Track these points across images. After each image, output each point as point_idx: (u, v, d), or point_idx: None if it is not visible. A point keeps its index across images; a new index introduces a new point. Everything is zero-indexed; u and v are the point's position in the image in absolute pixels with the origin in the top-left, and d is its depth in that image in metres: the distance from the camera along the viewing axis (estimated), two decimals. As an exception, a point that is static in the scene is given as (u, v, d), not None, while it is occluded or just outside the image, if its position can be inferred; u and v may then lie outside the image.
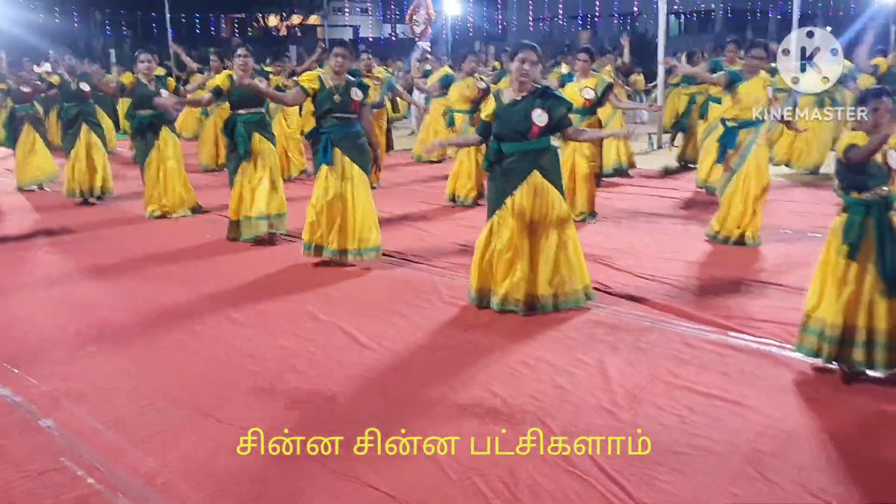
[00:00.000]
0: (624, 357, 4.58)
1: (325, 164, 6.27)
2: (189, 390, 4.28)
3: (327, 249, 6.44)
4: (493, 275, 5.31)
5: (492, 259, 5.30)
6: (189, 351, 4.87)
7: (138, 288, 6.24)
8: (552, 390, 4.18)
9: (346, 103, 6.24)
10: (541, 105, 5.13)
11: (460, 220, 8.41)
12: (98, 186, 9.68)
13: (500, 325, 5.16)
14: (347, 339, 4.98)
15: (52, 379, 4.46)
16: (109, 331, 5.25)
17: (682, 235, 7.52)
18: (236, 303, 5.73)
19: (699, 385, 4.17)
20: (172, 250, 7.35)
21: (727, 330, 4.94)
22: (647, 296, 5.63)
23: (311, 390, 4.25)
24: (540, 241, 5.23)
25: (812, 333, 4.23)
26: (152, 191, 8.71)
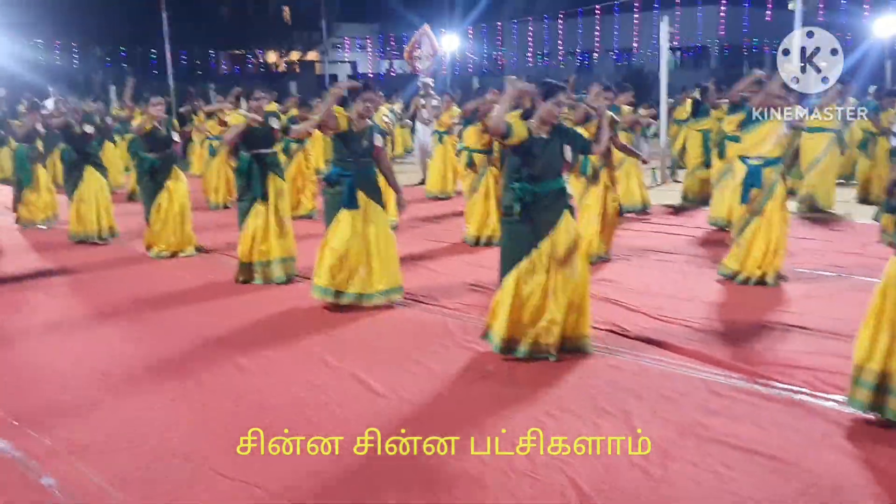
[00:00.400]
0: (649, 406, 4.39)
1: (350, 209, 6.13)
2: (197, 445, 4.08)
3: (347, 294, 6.29)
4: (522, 322, 5.13)
5: (521, 307, 5.11)
6: (197, 402, 4.67)
7: (143, 332, 6.06)
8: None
9: (369, 148, 6.15)
10: (566, 142, 5.04)
11: (468, 258, 8.25)
12: (106, 228, 9.54)
13: (520, 372, 4.98)
14: (361, 387, 4.79)
15: (53, 431, 4.26)
16: (114, 379, 5.05)
17: (696, 275, 7.36)
18: (244, 348, 5.54)
19: (732, 438, 3.99)
20: (176, 292, 7.18)
21: (754, 377, 4.76)
22: (667, 339, 5.45)
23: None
24: (568, 283, 5.08)
25: (866, 387, 4.03)
26: (159, 231, 8.55)
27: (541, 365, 5.03)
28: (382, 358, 5.29)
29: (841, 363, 4.89)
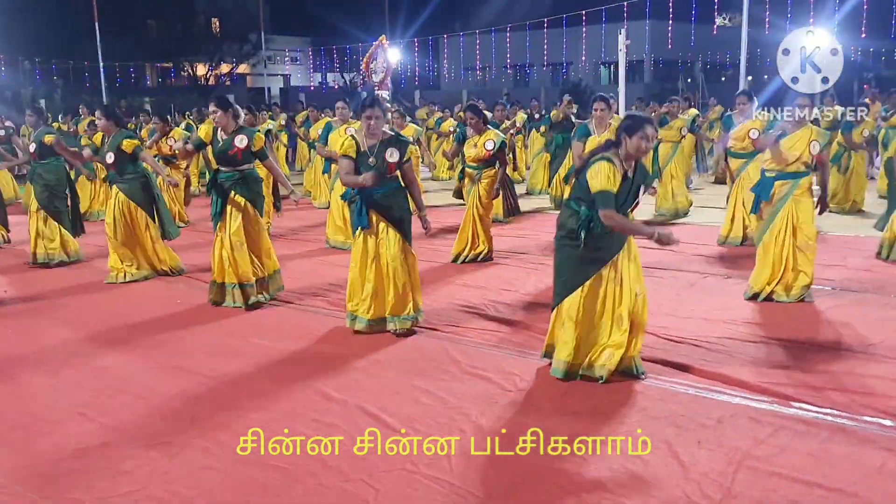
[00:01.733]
0: (691, 436, 4.13)
1: (362, 228, 5.84)
2: (209, 497, 3.64)
3: (360, 319, 5.97)
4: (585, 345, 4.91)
5: (585, 331, 4.88)
6: (193, 445, 4.20)
7: (124, 371, 5.49)
8: (629, 481, 3.70)
9: (381, 165, 5.74)
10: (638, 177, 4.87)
11: (456, 278, 7.89)
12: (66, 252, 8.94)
13: (539, 400, 4.68)
14: (374, 422, 4.40)
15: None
16: (114, 437, 4.54)
17: (712, 292, 7.11)
18: (236, 385, 5.08)
19: (787, 469, 3.75)
20: (147, 320, 6.66)
21: (788, 400, 4.55)
22: (692, 362, 5.19)
23: (352, 494, 3.66)
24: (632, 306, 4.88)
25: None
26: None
27: (560, 392, 4.76)
28: (388, 389, 4.91)
29: (871, 382, 4.76)
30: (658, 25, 34.75)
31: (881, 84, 22.42)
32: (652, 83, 37.62)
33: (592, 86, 36.55)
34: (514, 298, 6.98)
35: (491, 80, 43.80)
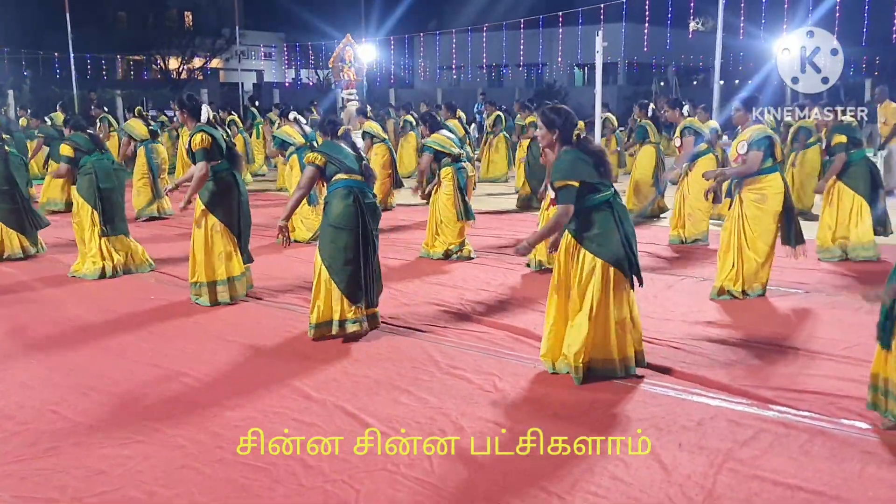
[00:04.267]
0: (672, 439, 4.13)
1: None
2: (188, 497, 3.57)
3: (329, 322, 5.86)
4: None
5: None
6: (170, 444, 4.12)
7: (97, 368, 5.41)
8: (611, 483, 3.68)
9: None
10: None
11: (428, 275, 7.86)
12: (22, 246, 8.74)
13: (520, 402, 4.66)
14: (354, 422, 4.35)
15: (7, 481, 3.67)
16: (64, 417, 4.44)
17: (690, 293, 7.14)
18: (213, 384, 5.00)
19: (769, 472, 3.75)
20: (121, 316, 6.56)
21: (767, 403, 4.57)
22: (672, 364, 5.19)
23: (333, 495, 3.61)
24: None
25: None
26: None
27: (541, 395, 4.74)
28: (367, 388, 4.87)
29: (844, 386, 4.79)
30: (633, 28, 34.94)
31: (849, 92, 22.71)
32: (625, 86, 37.82)
33: (566, 87, 36.70)
34: (490, 298, 6.96)
35: (466, 79, 43.78)
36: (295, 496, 3.58)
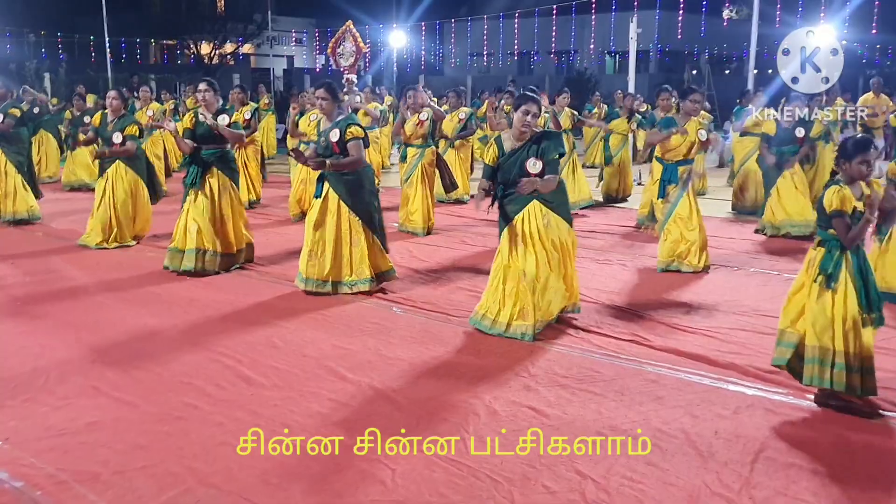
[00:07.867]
0: (708, 426, 4.10)
1: (315, 198, 6.52)
2: (226, 473, 3.62)
3: (310, 281, 6.50)
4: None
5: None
6: (210, 421, 4.18)
7: (113, 333, 5.50)
8: (646, 469, 3.68)
9: (328, 146, 6.39)
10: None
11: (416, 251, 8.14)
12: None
13: (551, 385, 4.65)
14: (389, 405, 4.38)
15: (51, 455, 3.74)
16: (105, 394, 4.52)
17: (728, 282, 7.12)
18: (240, 357, 5.08)
19: (807, 461, 3.73)
20: (128, 284, 6.88)
21: (803, 392, 4.52)
22: (706, 352, 5.18)
23: (369, 474, 3.64)
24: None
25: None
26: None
27: (562, 373, 4.73)
28: (399, 369, 4.90)
29: (883, 377, 4.72)
30: (666, 16, 34.54)
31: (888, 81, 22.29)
32: (657, 73, 37.42)
33: (597, 75, 36.37)
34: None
35: (496, 66, 43.53)
36: (332, 473, 3.62)
